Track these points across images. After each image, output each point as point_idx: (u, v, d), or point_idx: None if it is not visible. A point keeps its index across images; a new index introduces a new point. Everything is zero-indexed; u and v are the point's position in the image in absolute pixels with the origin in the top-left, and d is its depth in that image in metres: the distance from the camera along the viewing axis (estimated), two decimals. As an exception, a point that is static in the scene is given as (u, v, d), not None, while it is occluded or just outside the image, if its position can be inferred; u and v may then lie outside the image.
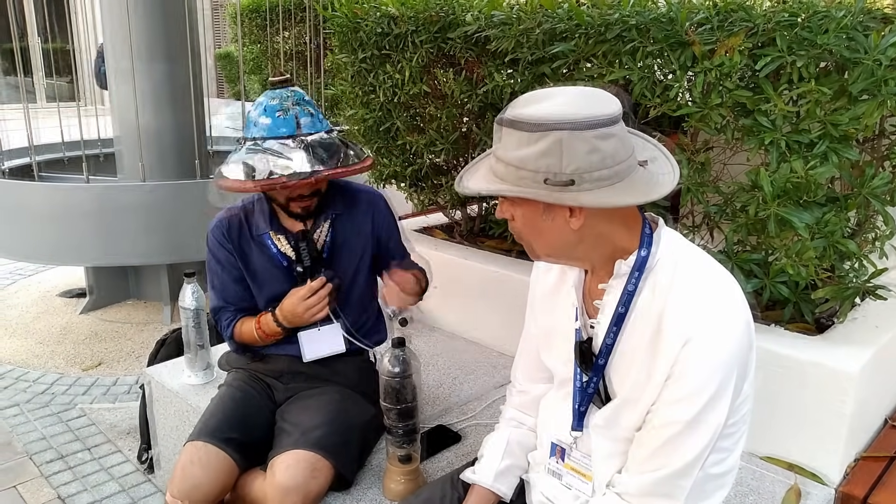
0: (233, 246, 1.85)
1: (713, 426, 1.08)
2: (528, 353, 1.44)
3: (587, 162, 1.03)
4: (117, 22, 3.70)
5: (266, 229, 1.84)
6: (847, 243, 1.69)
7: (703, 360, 1.06)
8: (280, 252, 1.84)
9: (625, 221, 1.14)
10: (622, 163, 1.07)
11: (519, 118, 1.06)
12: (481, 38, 2.24)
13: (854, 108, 1.61)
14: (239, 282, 1.88)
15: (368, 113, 2.74)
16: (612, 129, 1.05)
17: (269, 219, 1.84)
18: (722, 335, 1.07)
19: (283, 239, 1.84)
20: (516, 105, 1.09)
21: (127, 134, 3.87)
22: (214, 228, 1.87)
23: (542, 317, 1.37)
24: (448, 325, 2.75)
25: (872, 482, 1.76)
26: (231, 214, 1.88)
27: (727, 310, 1.09)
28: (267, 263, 1.85)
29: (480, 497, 1.37)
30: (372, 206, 1.91)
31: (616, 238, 1.14)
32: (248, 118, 1.74)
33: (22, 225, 3.67)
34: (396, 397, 1.60)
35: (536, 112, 1.05)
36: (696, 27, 1.75)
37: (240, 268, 1.86)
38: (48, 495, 2.44)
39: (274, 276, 1.84)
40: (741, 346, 1.08)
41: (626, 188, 1.07)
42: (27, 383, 3.26)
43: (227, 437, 1.71)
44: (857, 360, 1.72)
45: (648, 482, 1.13)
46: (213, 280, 1.90)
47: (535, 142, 1.04)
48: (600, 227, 1.12)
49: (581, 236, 1.12)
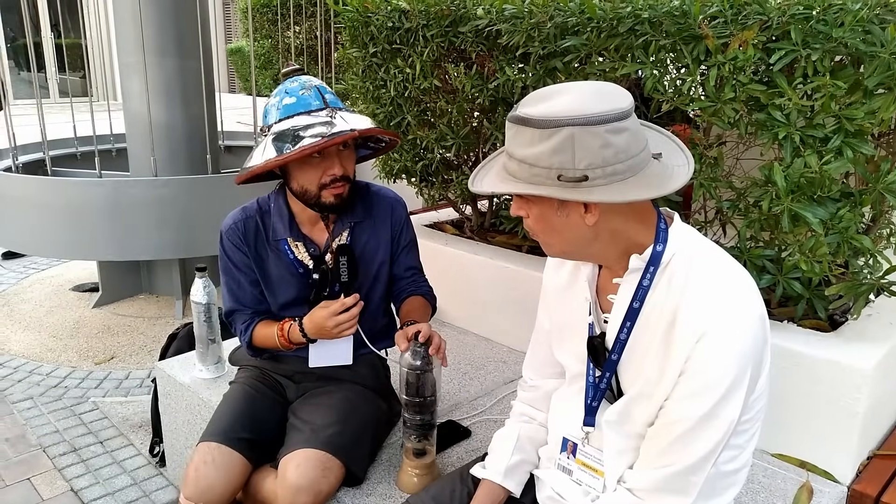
0: (248, 249, 1.80)
1: (727, 422, 1.07)
2: (540, 348, 1.44)
3: (600, 157, 1.03)
4: (129, 17, 3.71)
5: (284, 235, 1.78)
6: (861, 239, 1.67)
7: (718, 355, 1.06)
8: (297, 259, 1.79)
9: (640, 216, 1.14)
10: (635, 157, 1.06)
11: (530, 115, 1.05)
12: (492, 32, 2.23)
13: (869, 103, 1.59)
14: (255, 285, 1.83)
15: (379, 108, 2.74)
16: (625, 123, 1.04)
17: (289, 225, 1.78)
18: (736, 330, 1.06)
19: (301, 246, 1.79)
20: (527, 102, 1.09)
21: (139, 129, 3.89)
22: (229, 231, 1.80)
23: (554, 312, 1.37)
24: (458, 320, 2.75)
25: (885, 481, 1.74)
26: (247, 217, 1.81)
27: (742, 305, 1.08)
28: (283, 270, 1.80)
29: (490, 492, 1.36)
30: (392, 213, 1.86)
31: (631, 233, 1.13)
32: (266, 108, 1.69)
33: (35, 220, 3.70)
34: (416, 391, 1.60)
35: (547, 109, 1.05)
36: (709, 20, 1.73)
37: (255, 271, 1.82)
38: (61, 487, 2.47)
39: (289, 282, 1.81)
40: (756, 341, 1.08)
41: (640, 182, 1.06)
42: (40, 377, 3.29)
43: (240, 436, 1.71)
44: (871, 357, 1.71)
45: (660, 477, 1.13)
46: (229, 282, 1.84)
47: (546, 138, 1.04)
48: (615, 223, 1.12)
49: (596, 232, 1.12)
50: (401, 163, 2.81)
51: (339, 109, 1.66)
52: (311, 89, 1.66)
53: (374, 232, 1.84)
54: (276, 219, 1.79)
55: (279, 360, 1.92)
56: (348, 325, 1.70)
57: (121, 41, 3.89)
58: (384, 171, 2.91)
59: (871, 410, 1.73)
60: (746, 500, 1.67)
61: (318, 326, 1.71)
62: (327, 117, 1.62)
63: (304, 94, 1.65)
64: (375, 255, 1.84)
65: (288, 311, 1.81)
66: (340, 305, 1.69)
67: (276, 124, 1.64)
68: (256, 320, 1.84)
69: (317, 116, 1.62)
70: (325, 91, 1.68)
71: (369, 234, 1.83)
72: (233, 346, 2.14)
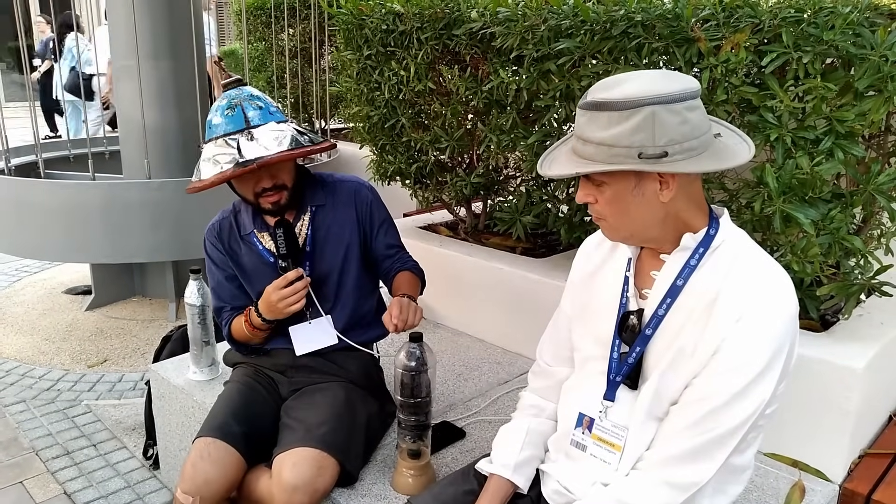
0: (223, 247, 1.91)
1: (757, 401, 1.11)
2: (559, 333, 1.45)
3: (679, 133, 1.09)
4: (122, 20, 3.70)
5: (251, 228, 1.88)
6: (852, 240, 1.68)
7: (756, 336, 1.11)
8: (266, 249, 1.87)
9: (698, 203, 1.20)
10: (706, 133, 1.13)
11: (608, 99, 1.10)
12: (486, 34, 2.24)
13: (860, 105, 1.60)
14: (232, 280, 1.92)
15: (373, 110, 2.74)
16: (697, 101, 1.12)
17: (253, 218, 1.88)
18: (774, 316, 1.11)
19: (267, 236, 1.87)
20: (598, 89, 1.14)
21: (132, 131, 3.88)
22: (208, 231, 1.93)
23: (579, 296, 1.40)
24: (452, 322, 2.75)
25: (876, 479, 1.76)
26: (223, 217, 1.94)
27: (781, 296, 1.14)
28: (256, 261, 1.89)
29: (498, 487, 1.36)
30: (355, 195, 1.92)
31: (689, 216, 1.19)
32: (206, 123, 1.80)
33: (27, 222, 3.68)
34: (411, 392, 1.61)
35: (623, 92, 1.09)
36: (701, 23, 1.74)
37: (232, 267, 1.91)
38: (54, 491, 2.45)
39: (263, 272, 1.87)
40: (790, 329, 1.13)
41: (712, 157, 1.13)
42: (33, 380, 3.27)
43: (236, 431, 1.72)
44: (862, 356, 1.72)
45: (687, 448, 1.14)
46: (212, 281, 1.95)
47: (626, 119, 1.09)
48: (681, 204, 1.17)
49: (666, 212, 1.17)
50: (395, 165, 2.82)
51: (259, 127, 1.71)
52: (235, 108, 1.74)
53: (336, 215, 1.89)
54: (244, 215, 1.90)
55: (270, 354, 1.95)
56: (293, 300, 1.76)
57: (114, 44, 3.88)
58: (378, 173, 2.92)
59: (862, 409, 1.74)
60: (739, 499, 1.67)
61: (267, 303, 1.78)
62: (242, 139, 1.69)
63: (229, 114, 1.74)
64: (341, 237, 1.89)
65: None
66: (283, 280, 1.76)
67: (205, 144, 1.75)
68: (235, 315, 1.92)
69: (232, 140, 1.70)
70: (249, 109, 1.74)
71: (332, 217, 1.89)
72: (226, 347, 2.14)
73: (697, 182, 1.20)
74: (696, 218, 1.20)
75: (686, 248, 1.20)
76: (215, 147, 1.72)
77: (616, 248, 1.34)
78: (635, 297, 1.27)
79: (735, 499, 1.26)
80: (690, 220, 1.19)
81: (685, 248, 1.20)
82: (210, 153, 1.72)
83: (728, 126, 1.23)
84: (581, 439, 1.31)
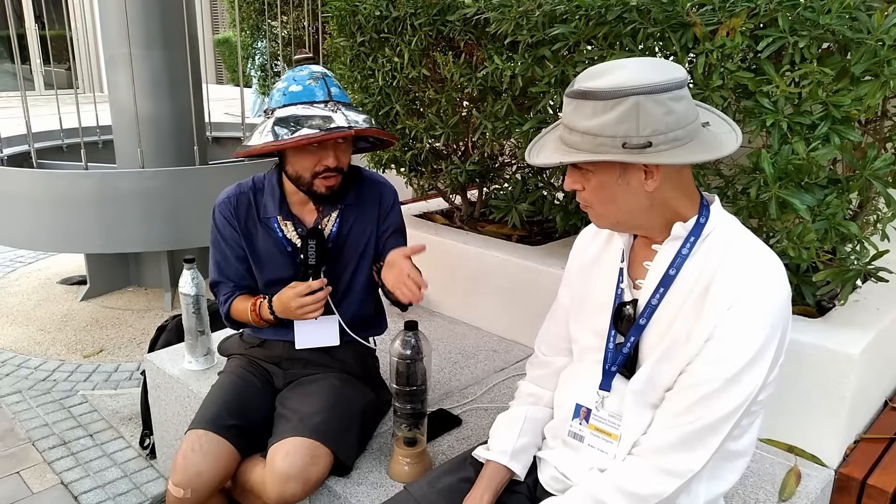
0: (238, 224, 1.84)
1: (749, 387, 1.12)
2: (556, 324, 1.46)
3: (663, 123, 1.09)
4: (114, 8, 3.67)
5: (274, 213, 1.82)
6: (848, 225, 1.68)
7: (748, 323, 1.11)
8: (286, 238, 1.82)
9: (688, 191, 1.20)
10: (692, 123, 1.13)
11: (593, 88, 1.10)
12: (480, 20, 2.22)
13: (856, 90, 1.59)
14: (241, 260, 1.87)
15: (367, 97, 2.73)
16: (683, 91, 1.11)
17: (279, 203, 1.81)
18: (766, 303, 1.12)
19: (291, 225, 1.82)
20: (584, 78, 1.13)
21: (125, 121, 3.85)
22: (222, 204, 1.85)
23: (576, 287, 1.40)
24: (448, 310, 2.75)
25: (871, 464, 1.76)
26: (241, 192, 1.85)
27: (773, 282, 1.14)
28: (272, 247, 1.83)
29: (494, 474, 1.36)
30: (380, 197, 1.88)
31: (679, 203, 1.19)
32: (272, 92, 1.74)
33: (21, 212, 3.66)
34: (406, 380, 1.60)
35: (609, 81, 1.09)
36: (697, 8, 1.73)
37: (243, 247, 1.85)
38: (51, 481, 2.45)
39: (277, 260, 1.83)
40: (783, 315, 1.13)
41: (697, 147, 1.13)
42: (29, 370, 3.27)
43: (228, 424, 1.71)
44: (858, 342, 1.72)
45: (679, 435, 1.15)
46: (216, 254, 1.88)
47: (610, 109, 1.09)
48: (668, 192, 1.17)
49: (652, 200, 1.17)
50: (390, 152, 2.80)
51: (342, 104, 1.69)
52: (318, 80, 1.70)
53: (361, 216, 1.86)
54: (268, 197, 1.83)
55: (266, 346, 1.93)
56: (312, 308, 1.72)
57: (106, 32, 3.84)
58: (373, 160, 2.91)
59: (857, 395, 1.75)
60: (735, 484, 1.68)
61: (284, 306, 1.75)
62: (328, 111, 1.65)
63: (311, 84, 1.69)
64: (361, 238, 1.86)
65: (274, 289, 1.81)
66: (306, 288, 1.72)
67: (279, 109, 1.68)
68: (237, 293, 1.88)
69: (318, 108, 1.65)
70: (331, 84, 1.71)
71: (357, 217, 1.85)
72: (222, 336, 2.13)
73: (686, 170, 1.19)
74: (686, 206, 1.20)
75: (677, 238, 1.20)
76: (293, 111, 1.64)
77: (611, 240, 1.34)
78: (629, 287, 1.27)
79: (732, 485, 1.27)
80: (679, 208, 1.19)
81: (676, 237, 1.20)
82: (287, 114, 1.64)
83: (718, 114, 1.23)
84: (578, 430, 1.32)
